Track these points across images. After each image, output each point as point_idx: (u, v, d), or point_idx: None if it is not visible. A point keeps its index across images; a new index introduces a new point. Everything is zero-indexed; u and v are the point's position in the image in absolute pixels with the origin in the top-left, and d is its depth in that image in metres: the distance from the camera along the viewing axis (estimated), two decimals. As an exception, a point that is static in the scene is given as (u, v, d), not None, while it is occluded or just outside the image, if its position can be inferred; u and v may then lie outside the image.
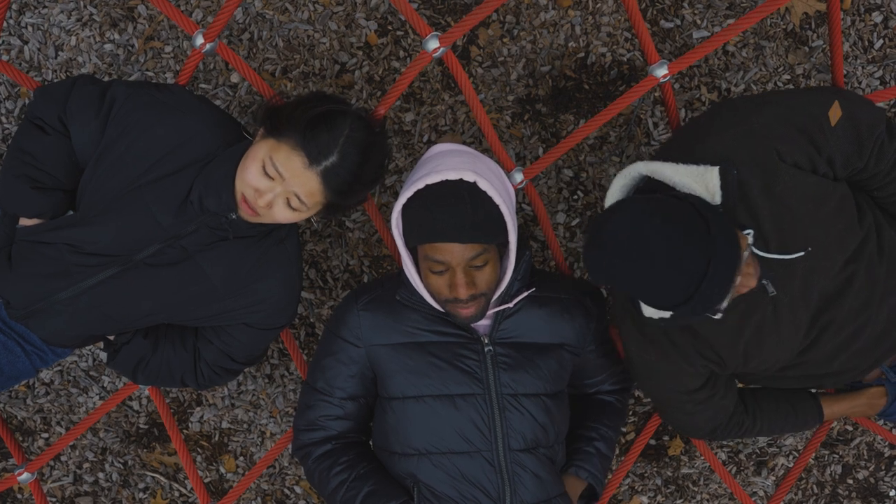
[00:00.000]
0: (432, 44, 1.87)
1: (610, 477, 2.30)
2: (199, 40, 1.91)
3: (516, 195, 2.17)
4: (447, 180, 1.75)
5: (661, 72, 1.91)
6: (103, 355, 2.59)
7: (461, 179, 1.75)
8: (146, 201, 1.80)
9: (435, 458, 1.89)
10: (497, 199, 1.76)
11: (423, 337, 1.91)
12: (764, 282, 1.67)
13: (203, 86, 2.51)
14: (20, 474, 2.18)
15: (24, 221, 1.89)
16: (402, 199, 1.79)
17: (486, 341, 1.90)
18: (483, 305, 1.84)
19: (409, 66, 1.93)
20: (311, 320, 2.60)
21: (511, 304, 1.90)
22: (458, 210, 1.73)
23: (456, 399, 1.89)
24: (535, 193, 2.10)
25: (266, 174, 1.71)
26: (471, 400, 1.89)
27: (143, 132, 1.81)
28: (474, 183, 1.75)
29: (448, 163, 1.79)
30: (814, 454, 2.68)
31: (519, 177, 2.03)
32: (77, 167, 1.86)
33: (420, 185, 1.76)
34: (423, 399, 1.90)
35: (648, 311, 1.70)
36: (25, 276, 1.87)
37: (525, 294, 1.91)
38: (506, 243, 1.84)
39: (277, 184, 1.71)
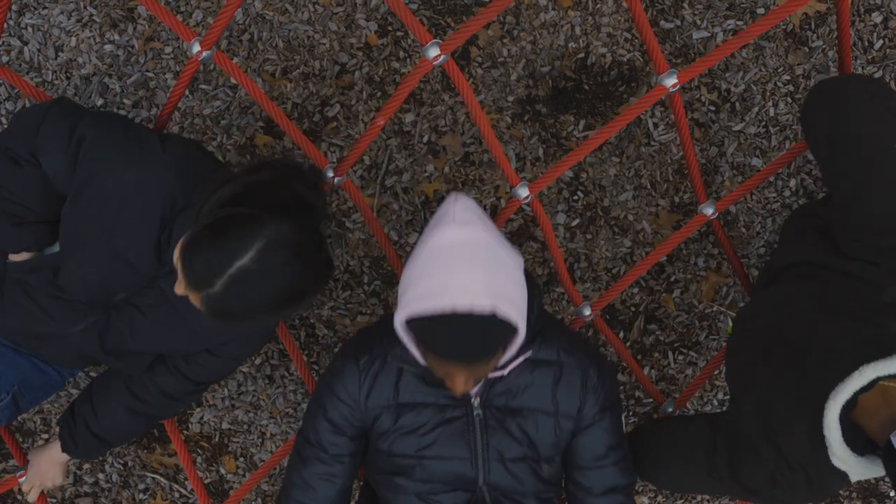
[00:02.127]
0: (433, 52, 1.86)
1: None
2: (196, 48, 1.89)
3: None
4: (457, 313, 1.51)
5: (671, 81, 1.90)
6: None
7: (475, 311, 1.51)
8: (118, 248, 1.73)
9: (422, 496, 1.90)
10: (514, 318, 1.56)
11: (416, 398, 1.86)
12: None
13: (203, 86, 2.51)
14: (21, 476, 2.17)
15: (13, 256, 1.84)
16: (404, 314, 1.58)
17: (477, 404, 1.84)
18: (479, 383, 1.79)
19: (410, 74, 1.92)
20: (312, 321, 2.59)
21: (504, 373, 1.77)
22: (469, 341, 1.54)
23: (443, 459, 1.86)
24: (539, 208, 2.06)
25: None
26: (457, 462, 1.86)
27: (110, 177, 1.72)
28: (491, 311, 1.52)
29: (460, 277, 1.53)
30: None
31: (524, 192, 2.00)
32: (56, 196, 1.79)
33: (426, 307, 1.54)
34: (409, 456, 1.87)
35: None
36: (13, 313, 1.85)
37: (520, 360, 1.75)
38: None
39: None
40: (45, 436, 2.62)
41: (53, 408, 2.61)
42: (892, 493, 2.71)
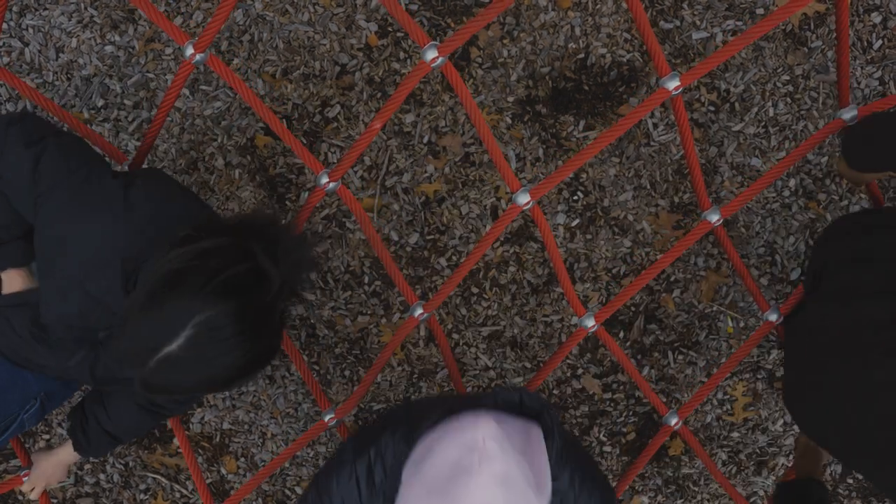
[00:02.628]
0: (430, 54, 1.84)
1: (616, 484, 2.28)
2: (189, 51, 1.88)
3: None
4: None
5: (673, 84, 1.89)
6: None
7: None
8: (90, 292, 1.64)
9: None
10: None
11: None
12: None
13: (203, 87, 2.52)
14: (25, 475, 2.17)
15: (4, 286, 1.76)
16: None
17: None
18: None
19: (407, 77, 1.91)
20: (312, 321, 2.60)
21: None
22: None
23: None
24: (540, 215, 2.03)
25: None
26: None
27: (68, 228, 1.63)
28: None
29: None
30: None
31: (525, 198, 1.98)
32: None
33: None
34: None
35: None
36: (10, 346, 1.81)
37: None
38: None
39: None
40: (46, 436, 2.62)
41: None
42: (891, 493, 2.71)
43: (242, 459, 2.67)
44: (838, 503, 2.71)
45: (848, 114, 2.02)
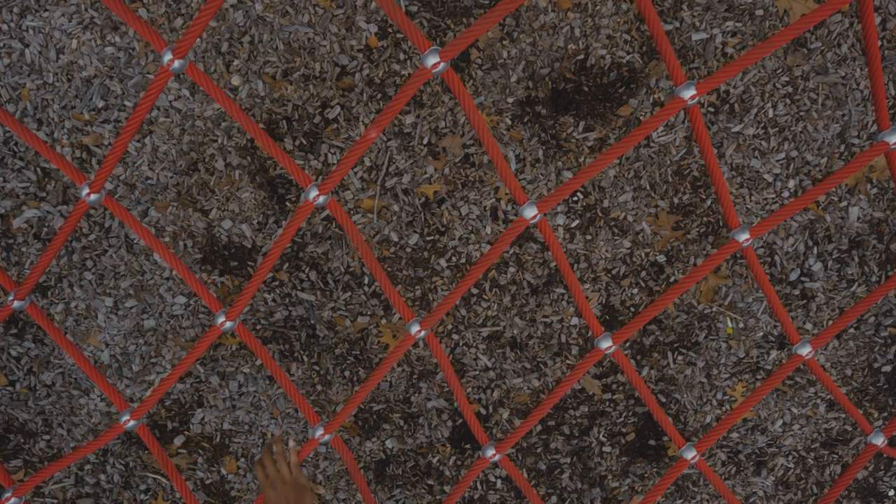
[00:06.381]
0: (432, 59, 1.83)
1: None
2: (168, 57, 1.85)
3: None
4: None
5: (689, 93, 1.87)
6: (105, 357, 2.60)
7: None
8: None
9: None
10: None
11: None
12: None
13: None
14: (7, 500, 2.13)
15: None
16: None
17: None
18: None
19: (407, 83, 1.88)
20: (312, 322, 2.60)
21: None
22: None
23: None
24: (547, 227, 2.01)
25: None
26: None
27: None
28: None
29: None
30: (813, 454, 2.69)
31: (532, 211, 1.96)
32: None
33: None
34: None
35: None
36: None
37: None
38: None
39: None
40: (46, 437, 2.63)
41: (55, 408, 2.62)
42: (890, 493, 2.72)
43: (243, 460, 2.68)
44: (837, 503, 2.71)
45: (891, 137, 2.01)
